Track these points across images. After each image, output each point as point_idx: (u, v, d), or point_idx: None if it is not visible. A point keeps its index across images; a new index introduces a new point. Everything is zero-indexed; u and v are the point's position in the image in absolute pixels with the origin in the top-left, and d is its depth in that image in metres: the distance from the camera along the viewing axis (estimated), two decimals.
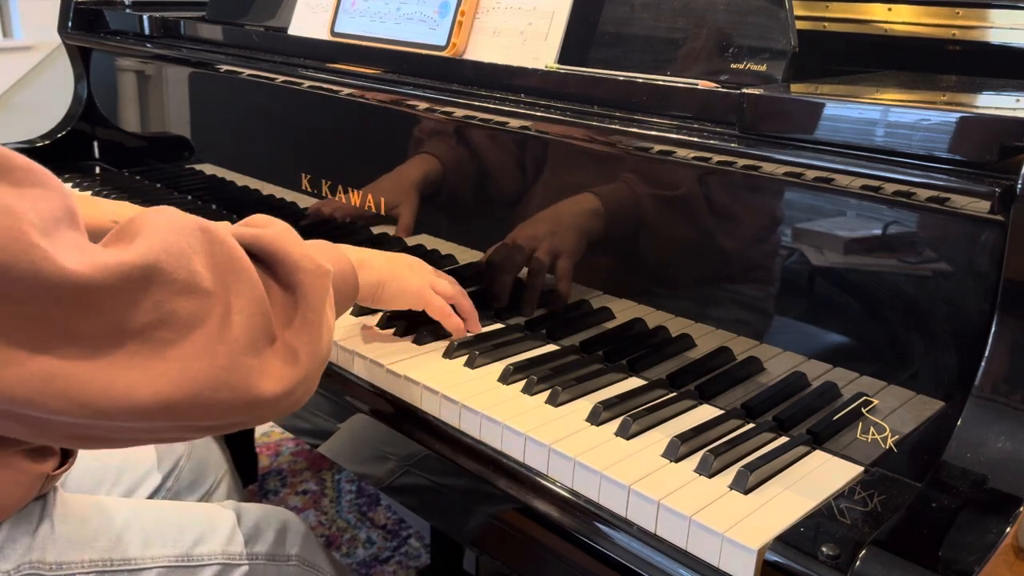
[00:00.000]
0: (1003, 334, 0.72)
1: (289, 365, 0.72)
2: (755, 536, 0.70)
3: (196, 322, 0.66)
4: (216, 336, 0.67)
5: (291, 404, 0.74)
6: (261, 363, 0.70)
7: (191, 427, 0.69)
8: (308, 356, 0.74)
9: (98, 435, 0.68)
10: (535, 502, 0.82)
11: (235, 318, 0.68)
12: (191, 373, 0.65)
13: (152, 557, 0.91)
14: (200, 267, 0.67)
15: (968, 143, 0.72)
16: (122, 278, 0.63)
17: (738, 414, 0.89)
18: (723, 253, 0.91)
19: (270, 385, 0.70)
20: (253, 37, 1.43)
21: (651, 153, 0.92)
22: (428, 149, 1.17)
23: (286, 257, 0.75)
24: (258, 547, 0.99)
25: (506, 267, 1.09)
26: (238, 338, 0.68)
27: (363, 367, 1.00)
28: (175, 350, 0.65)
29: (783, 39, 0.89)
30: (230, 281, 0.69)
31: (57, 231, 0.62)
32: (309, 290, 0.75)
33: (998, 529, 0.65)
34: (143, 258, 0.64)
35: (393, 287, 0.99)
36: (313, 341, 0.75)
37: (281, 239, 0.76)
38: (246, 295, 0.70)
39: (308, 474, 2.16)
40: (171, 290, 0.65)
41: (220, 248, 0.70)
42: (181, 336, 0.65)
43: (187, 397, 0.65)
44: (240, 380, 0.68)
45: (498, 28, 1.12)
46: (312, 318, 0.75)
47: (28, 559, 0.83)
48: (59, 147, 1.83)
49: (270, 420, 0.76)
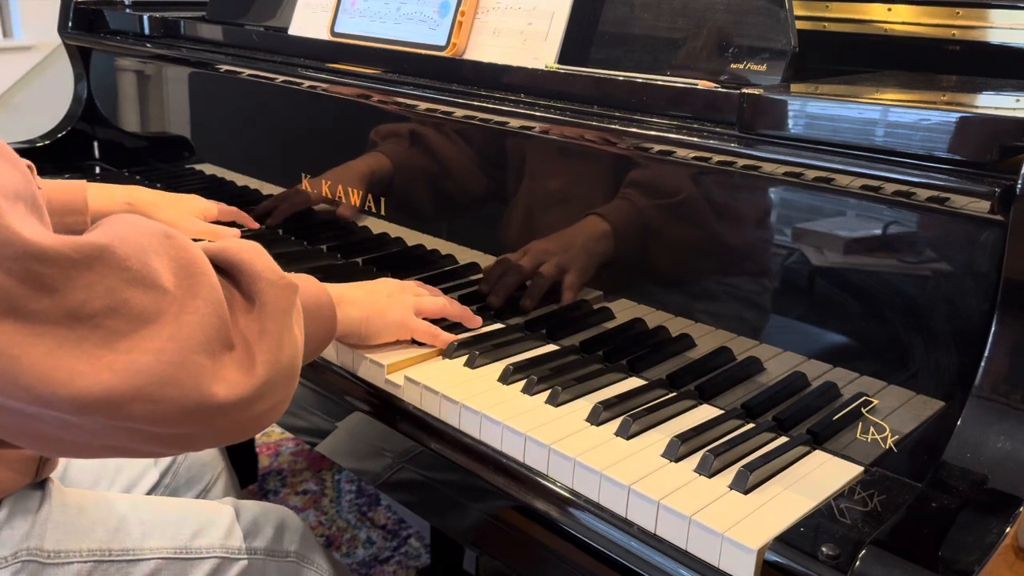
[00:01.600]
0: (1003, 334, 0.72)
1: (245, 373, 0.70)
2: (755, 536, 0.70)
3: (150, 316, 0.65)
4: (168, 332, 0.65)
5: (250, 419, 0.72)
6: (215, 365, 0.68)
7: (139, 432, 0.67)
8: (266, 366, 0.72)
9: (49, 434, 0.66)
10: (535, 502, 0.82)
11: (190, 318, 0.67)
12: (136, 366, 0.64)
13: (150, 548, 0.91)
14: (158, 265, 0.67)
15: (968, 143, 0.72)
16: (75, 250, 0.62)
17: (738, 414, 0.89)
18: (723, 253, 0.91)
19: (222, 389, 0.68)
20: (253, 37, 1.43)
21: (651, 153, 0.92)
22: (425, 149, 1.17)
23: (248, 268, 0.75)
24: (256, 542, 0.99)
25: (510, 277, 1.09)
26: (191, 337, 0.67)
27: (363, 367, 1.00)
28: (125, 342, 0.64)
29: (783, 39, 0.89)
30: (188, 284, 0.68)
31: (16, 205, 0.61)
32: (270, 300, 0.74)
33: (998, 529, 0.65)
34: (97, 239, 0.64)
35: (377, 323, 0.98)
36: (272, 351, 0.73)
37: (245, 251, 0.76)
38: (204, 296, 0.69)
39: (308, 474, 2.16)
40: (124, 277, 0.64)
41: (181, 252, 0.69)
42: (132, 329, 0.64)
43: (130, 390, 0.63)
44: (189, 378, 0.66)
45: (498, 28, 1.12)
46: (272, 328, 0.74)
47: (26, 546, 0.83)
48: (59, 147, 1.83)
49: (230, 438, 0.74)
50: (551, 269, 1.04)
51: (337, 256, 1.32)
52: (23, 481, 0.85)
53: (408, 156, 1.20)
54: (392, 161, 1.21)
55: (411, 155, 1.19)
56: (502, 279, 1.09)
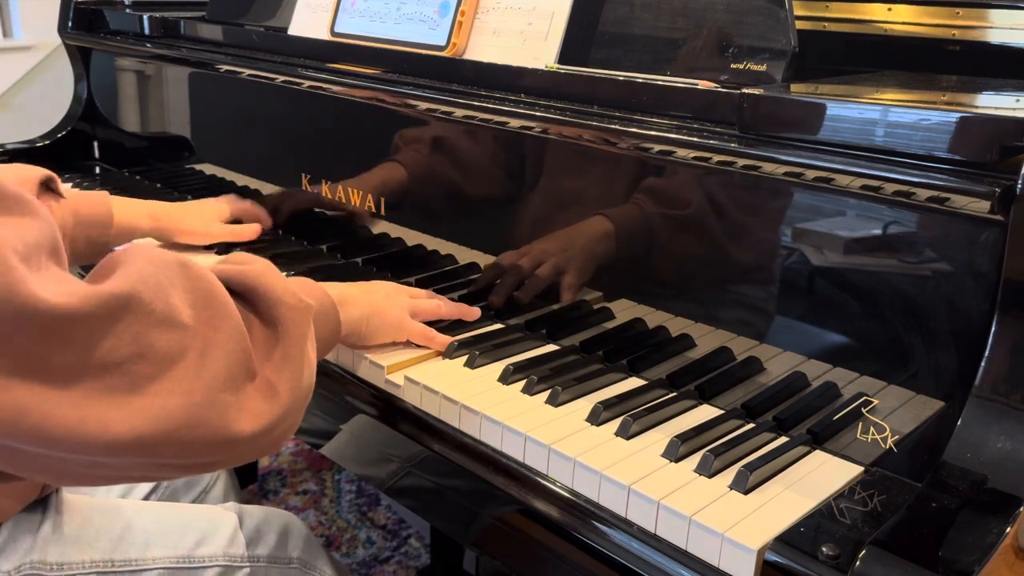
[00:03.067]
0: (1003, 334, 0.72)
1: (268, 401, 0.71)
2: (755, 536, 0.70)
3: (175, 356, 0.65)
4: (194, 372, 0.66)
5: (270, 443, 0.73)
6: (239, 400, 0.69)
7: (167, 465, 0.68)
8: (289, 392, 0.73)
9: (72, 471, 0.67)
10: (535, 502, 0.82)
11: (214, 353, 0.67)
12: (167, 410, 0.64)
13: (154, 558, 0.91)
14: (178, 301, 0.66)
15: (968, 143, 0.72)
16: (99, 306, 0.62)
17: (738, 414, 0.89)
18: (723, 253, 0.91)
19: (248, 423, 0.69)
20: (253, 37, 1.43)
21: (651, 153, 0.92)
22: (425, 149, 1.17)
23: (267, 293, 0.75)
24: (260, 549, 0.99)
25: (510, 276, 1.09)
26: (217, 375, 0.67)
27: (364, 368, 1.00)
28: (153, 385, 0.64)
29: (783, 39, 0.89)
30: (209, 316, 0.68)
31: (39, 261, 0.61)
32: (291, 325, 0.75)
33: (998, 529, 0.65)
34: (120, 288, 0.63)
35: (375, 322, 0.98)
36: (294, 377, 0.74)
37: (262, 275, 0.76)
38: (225, 330, 0.69)
39: (308, 474, 2.16)
40: (149, 322, 0.64)
41: (199, 283, 0.69)
42: (159, 371, 0.64)
43: (163, 434, 0.64)
44: (217, 418, 0.67)
45: (498, 28, 1.12)
46: (294, 354, 0.74)
47: (29, 559, 0.83)
48: (59, 147, 1.83)
49: (248, 460, 0.75)
50: (550, 269, 1.04)
51: (337, 256, 1.32)
52: (29, 499, 0.84)
53: (408, 156, 1.20)
54: (392, 161, 1.21)
55: (411, 155, 1.19)
56: (502, 278, 1.10)
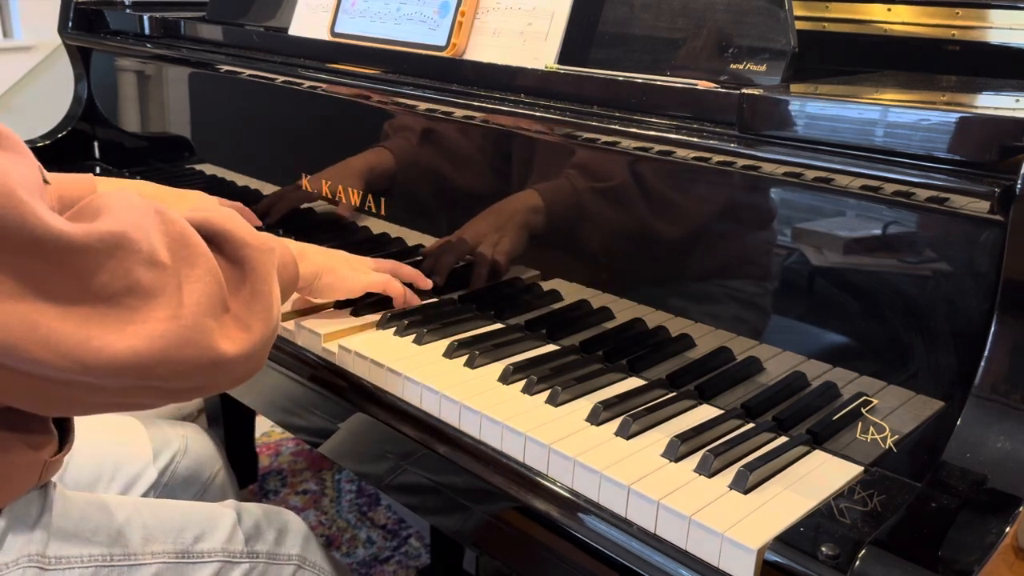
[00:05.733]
0: (1003, 334, 0.72)
1: (244, 331, 0.78)
2: (755, 536, 0.70)
3: (157, 291, 0.71)
4: (176, 302, 0.72)
5: (246, 371, 0.79)
6: (220, 326, 0.75)
7: (160, 388, 0.74)
8: (261, 323, 0.79)
9: (64, 395, 0.72)
10: (535, 502, 0.82)
11: (193, 286, 0.74)
12: (159, 331, 0.71)
13: (152, 553, 0.91)
14: (157, 242, 0.72)
15: (967, 143, 0.72)
16: (100, 240, 0.68)
17: (738, 414, 0.89)
18: (723, 253, 0.91)
19: (229, 346, 0.75)
20: (253, 37, 1.43)
21: (650, 153, 0.92)
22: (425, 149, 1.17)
23: (233, 235, 0.80)
24: (258, 546, 0.99)
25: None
26: (199, 302, 0.73)
27: (364, 367, 1.00)
28: (140, 315, 0.70)
29: (783, 39, 0.89)
30: (184, 255, 0.74)
31: (34, 196, 0.66)
32: (257, 264, 0.81)
33: (998, 529, 0.65)
34: (114, 226, 0.70)
35: (327, 279, 1.06)
36: (264, 309, 0.80)
37: (229, 220, 0.82)
38: (201, 265, 0.75)
39: (308, 474, 2.17)
40: (136, 259, 0.70)
41: (173, 226, 0.75)
42: (144, 303, 0.70)
43: (158, 351, 0.70)
44: (204, 339, 0.73)
45: (498, 28, 1.12)
46: (262, 289, 0.80)
47: (28, 552, 0.83)
48: (59, 147, 1.83)
49: (227, 386, 0.82)
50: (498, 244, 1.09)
51: None
52: (26, 487, 0.85)
53: (408, 156, 1.20)
54: (393, 161, 1.21)
55: (411, 155, 1.19)
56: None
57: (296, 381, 1.07)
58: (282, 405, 1.13)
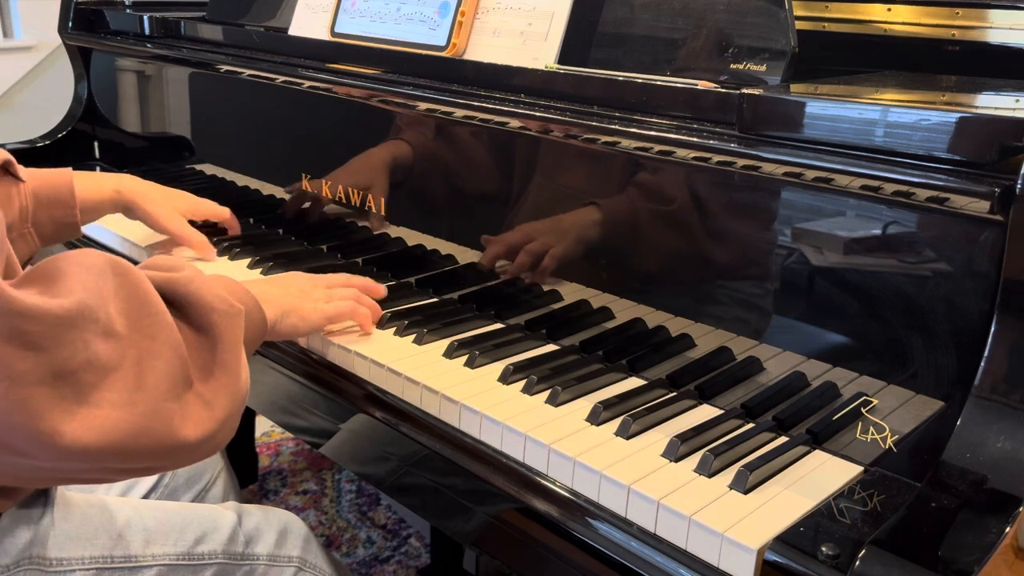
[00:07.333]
0: (1003, 334, 0.72)
1: (208, 409, 0.72)
2: (755, 536, 0.70)
3: (112, 366, 0.66)
4: (133, 382, 0.67)
5: (212, 448, 0.74)
6: (182, 408, 0.70)
7: (110, 469, 0.69)
8: (227, 398, 0.74)
9: (11, 473, 0.68)
10: (535, 502, 0.82)
11: (153, 363, 0.68)
12: (112, 421, 0.65)
13: (153, 555, 0.91)
14: (114, 311, 0.67)
15: (967, 143, 0.72)
16: (61, 308, 0.63)
17: (738, 414, 0.89)
18: (722, 253, 0.91)
19: (191, 430, 0.70)
20: (253, 37, 1.43)
21: (651, 153, 0.92)
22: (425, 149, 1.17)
23: (198, 299, 0.75)
24: (259, 548, 0.99)
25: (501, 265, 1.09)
26: (158, 384, 0.68)
27: (363, 367, 1.00)
28: (95, 394, 0.65)
29: (783, 39, 0.89)
30: (145, 324, 0.69)
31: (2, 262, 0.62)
32: (225, 331, 0.76)
33: (998, 529, 0.65)
34: (77, 296, 0.64)
35: (290, 320, 0.98)
36: (231, 383, 0.75)
37: (191, 282, 0.76)
38: (162, 339, 0.69)
39: (308, 474, 2.17)
40: (95, 330, 0.65)
41: (133, 291, 0.70)
42: (100, 379, 0.65)
43: (108, 444, 0.65)
44: (162, 426, 0.68)
45: (498, 28, 1.12)
46: (229, 359, 0.75)
47: (28, 554, 0.83)
48: (59, 147, 1.83)
49: (190, 463, 0.77)
50: (551, 260, 1.05)
51: (337, 256, 1.32)
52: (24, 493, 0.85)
53: (409, 156, 1.20)
54: (393, 161, 1.21)
55: (412, 155, 1.19)
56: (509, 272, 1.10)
57: (296, 381, 1.07)
58: (282, 406, 1.13)
